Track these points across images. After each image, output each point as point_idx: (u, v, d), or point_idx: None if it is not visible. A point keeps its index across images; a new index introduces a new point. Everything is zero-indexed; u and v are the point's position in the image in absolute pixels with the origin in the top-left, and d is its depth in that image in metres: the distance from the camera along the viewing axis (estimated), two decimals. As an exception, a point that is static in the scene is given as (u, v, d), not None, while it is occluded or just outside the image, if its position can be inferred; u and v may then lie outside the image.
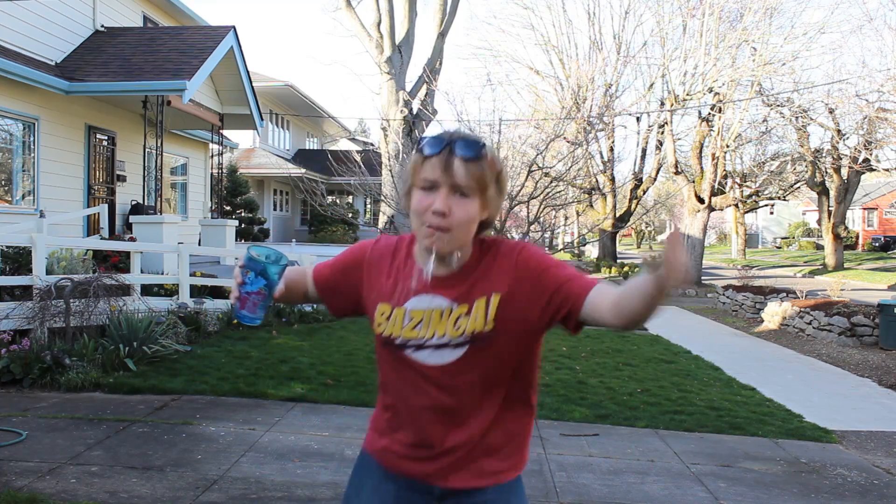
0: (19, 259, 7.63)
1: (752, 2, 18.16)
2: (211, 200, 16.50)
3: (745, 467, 4.55)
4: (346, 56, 76.58)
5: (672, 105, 20.03)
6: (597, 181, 24.69)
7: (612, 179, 24.95)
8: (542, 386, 6.42)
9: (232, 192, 20.92)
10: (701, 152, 20.38)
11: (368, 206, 27.30)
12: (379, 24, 18.71)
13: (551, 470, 4.31)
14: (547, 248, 18.76)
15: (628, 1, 22.80)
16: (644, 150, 25.31)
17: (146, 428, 4.77)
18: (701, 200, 19.79)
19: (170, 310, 7.84)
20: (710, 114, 19.66)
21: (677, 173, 21.10)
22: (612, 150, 24.91)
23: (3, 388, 5.65)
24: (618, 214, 25.25)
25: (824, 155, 23.71)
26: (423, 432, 1.46)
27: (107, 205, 11.91)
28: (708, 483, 4.22)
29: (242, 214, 21.79)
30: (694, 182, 20.28)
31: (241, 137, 20.92)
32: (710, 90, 19.20)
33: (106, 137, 12.22)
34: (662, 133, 22.05)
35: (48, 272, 7.08)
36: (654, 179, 26.28)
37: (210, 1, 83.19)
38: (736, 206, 28.66)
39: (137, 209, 11.81)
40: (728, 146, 19.41)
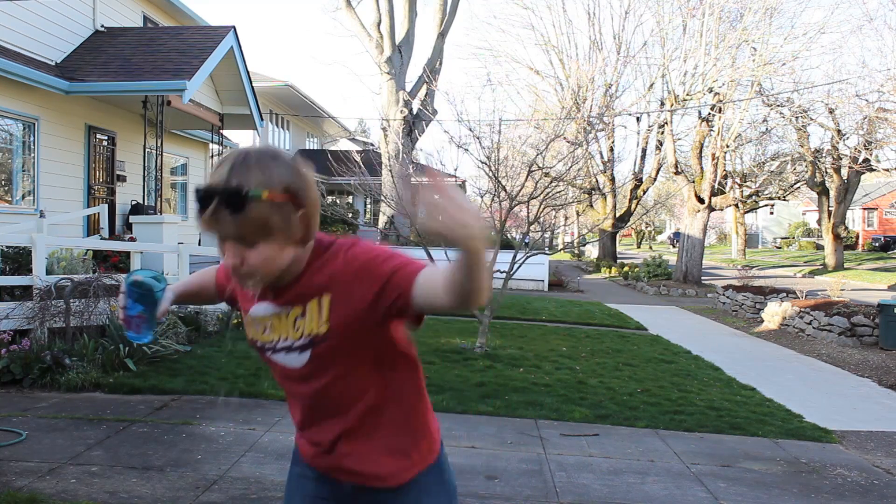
0: (19, 259, 7.61)
1: (752, 2, 18.17)
2: (211, 201, 16.48)
3: (745, 467, 4.56)
4: (346, 56, 76.68)
5: (672, 105, 20.03)
6: (597, 181, 24.71)
7: (612, 179, 24.96)
8: (543, 386, 6.43)
9: (232, 193, 20.88)
10: (701, 152, 20.39)
11: (368, 206, 27.31)
12: (379, 24, 18.71)
13: (551, 470, 4.31)
14: (547, 248, 18.76)
15: (628, 1, 22.82)
16: (644, 150, 25.32)
17: (146, 428, 4.77)
18: (701, 200, 19.80)
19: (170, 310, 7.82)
20: (710, 114, 19.66)
21: (677, 173, 21.10)
22: (612, 150, 24.92)
23: (3, 388, 5.65)
24: (618, 214, 25.27)
25: (824, 155, 23.72)
26: (311, 429, 1.50)
27: (107, 205, 11.90)
28: (708, 483, 4.22)
29: (242, 214, 21.76)
30: (694, 182, 20.29)
31: (241, 137, 20.90)
32: (710, 90, 19.21)
33: (106, 137, 12.21)
34: (662, 133, 22.06)
35: (48, 272, 7.07)
36: (654, 179, 26.29)
37: (210, 1, 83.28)
38: (736, 206, 28.68)
39: (137, 209, 11.80)
40: (728, 146, 19.41)
